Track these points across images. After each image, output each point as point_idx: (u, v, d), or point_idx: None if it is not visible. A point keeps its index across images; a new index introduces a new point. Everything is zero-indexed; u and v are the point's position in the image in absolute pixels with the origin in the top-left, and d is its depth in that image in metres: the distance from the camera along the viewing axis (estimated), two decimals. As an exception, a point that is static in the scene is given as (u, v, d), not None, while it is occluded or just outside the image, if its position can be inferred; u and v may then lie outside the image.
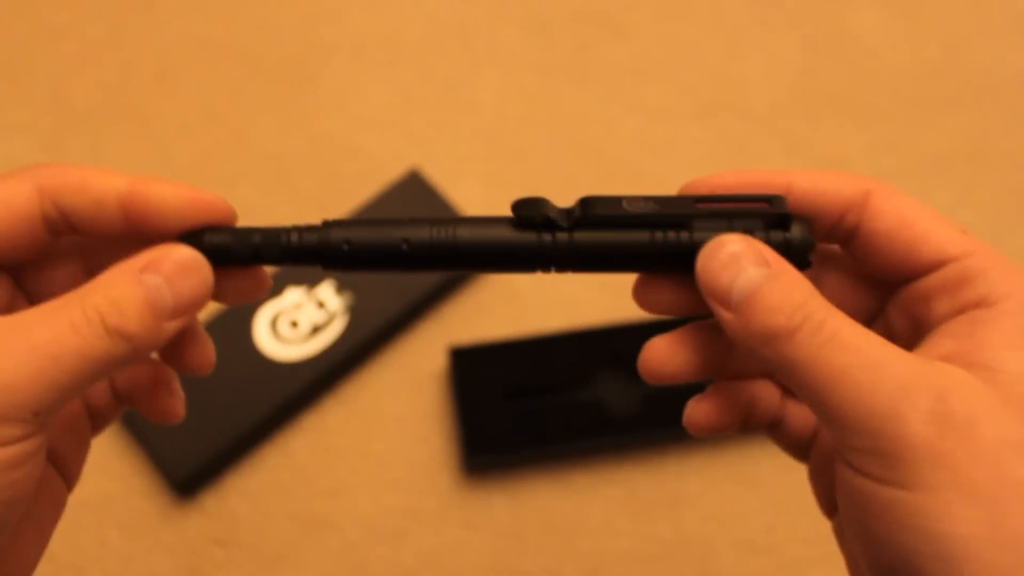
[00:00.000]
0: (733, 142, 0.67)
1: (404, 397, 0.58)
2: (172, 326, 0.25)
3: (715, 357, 0.29)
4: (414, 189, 0.62)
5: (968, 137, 0.68)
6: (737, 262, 0.25)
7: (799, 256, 0.27)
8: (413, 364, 0.59)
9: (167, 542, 0.53)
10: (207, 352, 0.29)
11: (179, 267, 0.26)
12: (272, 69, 0.69)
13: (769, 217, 0.27)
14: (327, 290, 0.58)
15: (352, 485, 0.55)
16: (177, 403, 0.30)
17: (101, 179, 0.27)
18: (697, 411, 0.29)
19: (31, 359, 0.23)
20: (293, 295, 0.58)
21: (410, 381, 0.58)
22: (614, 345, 0.57)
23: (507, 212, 0.28)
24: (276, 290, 0.58)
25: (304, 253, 0.28)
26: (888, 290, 0.29)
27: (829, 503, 0.30)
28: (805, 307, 0.24)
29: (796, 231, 0.27)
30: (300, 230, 0.28)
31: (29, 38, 0.70)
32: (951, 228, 0.27)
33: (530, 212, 0.27)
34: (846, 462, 0.24)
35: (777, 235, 0.27)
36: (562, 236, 0.27)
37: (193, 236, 0.27)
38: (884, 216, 0.27)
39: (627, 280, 0.29)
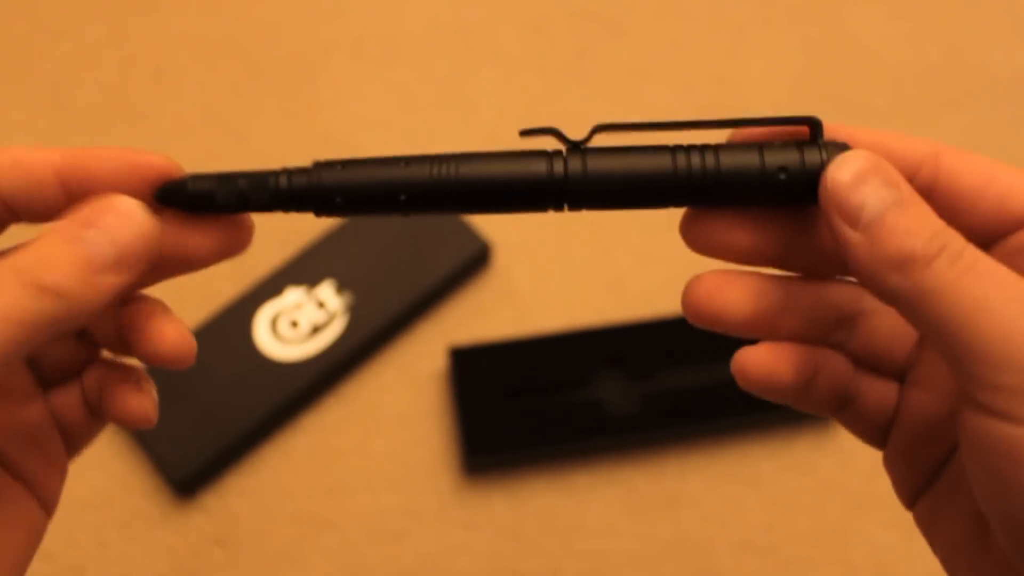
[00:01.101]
0: (733, 142, 0.67)
1: (404, 397, 0.58)
2: (109, 280, 0.24)
3: (774, 307, 0.27)
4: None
5: (968, 137, 0.68)
6: (869, 179, 0.23)
7: None
8: (413, 364, 0.59)
9: (167, 542, 0.53)
10: (174, 331, 0.26)
11: (116, 216, 0.24)
12: (272, 68, 0.69)
13: (803, 142, 0.25)
14: (327, 290, 0.58)
15: (352, 485, 0.55)
16: (146, 401, 0.27)
17: (34, 155, 0.25)
18: (752, 356, 0.27)
19: None
20: (293, 295, 0.58)
21: (410, 381, 0.58)
22: (614, 345, 0.57)
23: (505, 215, 0.27)
24: (276, 290, 0.58)
25: (295, 197, 0.26)
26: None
27: (912, 491, 0.28)
28: (944, 233, 0.23)
29: (833, 152, 0.25)
30: (289, 172, 0.26)
31: (29, 38, 0.70)
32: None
33: (537, 134, 0.25)
34: (982, 406, 0.22)
35: (814, 157, 0.25)
36: (574, 162, 0.25)
37: (174, 184, 0.25)
38: (965, 174, 0.25)
39: (627, 280, 0.29)
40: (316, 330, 0.57)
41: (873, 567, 0.52)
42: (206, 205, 0.26)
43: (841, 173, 0.24)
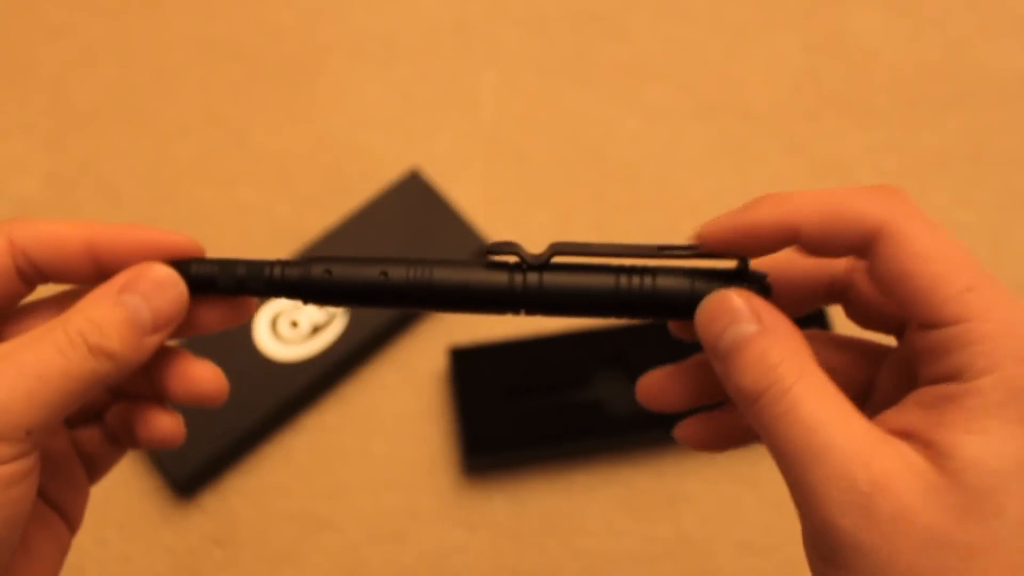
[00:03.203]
0: (733, 142, 0.67)
1: (404, 397, 0.58)
2: (152, 341, 0.27)
3: (714, 392, 0.30)
4: (414, 189, 0.62)
5: (968, 137, 0.68)
6: (730, 315, 0.26)
7: None
8: (413, 364, 0.59)
9: (167, 542, 0.53)
10: (209, 372, 0.30)
11: (155, 284, 0.27)
12: (272, 69, 0.69)
13: (728, 274, 0.28)
14: (327, 290, 0.58)
15: (352, 485, 0.55)
16: (177, 423, 0.31)
17: (67, 230, 0.28)
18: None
19: (20, 381, 0.25)
20: (293, 295, 0.58)
21: (410, 381, 0.58)
22: (614, 345, 0.57)
23: (506, 215, 0.28)
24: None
25: (286, 287, 0.29)
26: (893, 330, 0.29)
27: None
28: (777, 369, 0.25)
29: (752, 286, 0.28)
30: (284, 264, 0.29)
31: (29, 38, 0.70)
32: (953, 285, 0.24)
33: (503, 253, 0.29)
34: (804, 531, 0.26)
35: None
36: (532, 276, 0.28)
37: (179, 266, 0.28)
38: (887, 262, 0.25)
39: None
40: (316, 330, 0.57)
41: (873, 567, 0.52)
42: (208, 287, 0.29)
43: (707, 309, 0.27)
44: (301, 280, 0.28)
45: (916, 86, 0.70)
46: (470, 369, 0.56)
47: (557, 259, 0.29)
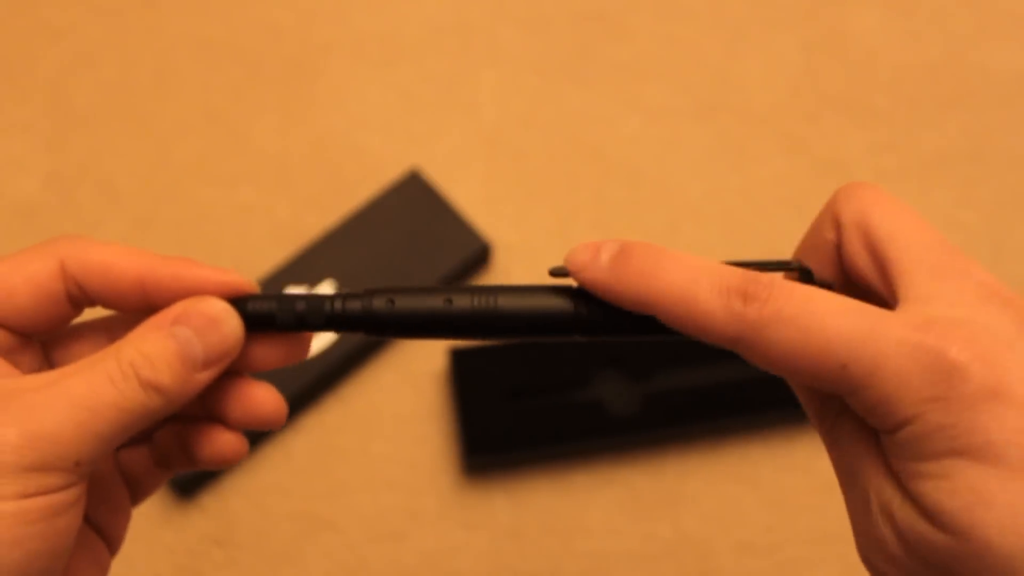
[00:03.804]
0: (733, 142, 0.67)
1: (404, 397, 0.58)
2: (203, 377, 0.27)
3: None
4: (414, 189, 0.62)
5: (968, 137, 0.68)
6: (593, 247, 0.26)
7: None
8: (413, 364, 0.59)
9: (167, 542, 0.53)
10: (270, 395, 0.29)
11: (208, 319, 0.27)
12: (272, 69, 0.69)
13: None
14: (327, 290, 0.58)
15: (352, 485, 0.55)
16: (237, 440, 0.30)
17: (122, 264, 0.27)
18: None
19: (71, 412, 0.24)
20: (293, 295, 0.58)
21: (410, 381, 0.58)
22: (614, 345, 0.57)
23: (506, 215, 0.28)
24: (276, 290, 0.58)
25: (348, 321, 0.28)
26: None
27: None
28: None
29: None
30: (344, 297, 0.28)
31: (29, 38, 0.70)
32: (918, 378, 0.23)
33: (564, 276, 0.28)
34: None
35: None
36: (597, 303, 0.28)
37: (237, 301, 0.28)
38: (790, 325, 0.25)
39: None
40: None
41: (873, 567, 0.52)
42: (265, 324, 0.28)
43: (576, 254, 0.27)
44: (363, 313, 0.28)
45: (916, 86, 0.70)
46: (470, 369, 0.56)
47: None
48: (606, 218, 0.64)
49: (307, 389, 0.56)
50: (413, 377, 0.58)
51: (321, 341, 0.57)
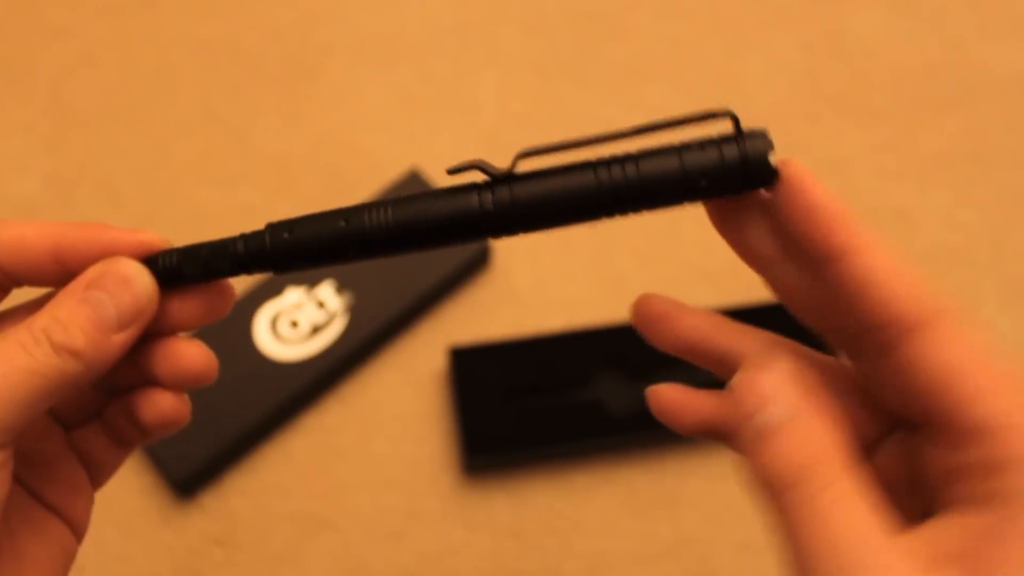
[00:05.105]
0: (733, 142, 0.67)
1: (404, 397, 0.58)
2: (120, 339, 0.26)
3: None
4: (414, 189, 0.62)
5: (968, 137, 0.68)
6: (760, 400, 0.24)
7: (756, 169, 0.26)
8: (413, 364, 0.59)
9: (167, 542, 0.53)
10: (196, 349, 0.29)
11: (120, 280, 0.26)
12: (272, 69, 0.69)
13: (723, 138, 0.26)
14: (327, 290, 0.58)
15: (352, 485, 0.55)
16: (177, 400, 0.29)
17: (32, 235, 0.27)
18: (661, 394, 0.30)
19: None
20: (293, 295, 0.58)
21: (410, 381, 0.58)
22: (614, 345, 0.57)
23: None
24: (276, 290, 0.58)
25: (253, 259, 0.27)
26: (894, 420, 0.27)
27: None
28: (810, 467, 0.23)
29: (751, 145, 0.26)
30: (246, 237, 0.28)
31: (29, 38, 0.70)
32: (1005, 396, 0.23)
33: (464, 171, 0.26)
34: None
35: (731, 150, 0.26)
36: (502, 192, 0.26)
37: (148, 260, 0.27)
38: (935, 357, 0.24)
39: (627, 280, 0.29)
40: (316, 330, 0.57)
41: (873, 567, 0.52)
42: (177, 278, 0.28)
43: (742, 388, 0.24)
44: (265, 248, 0.27)
45: (916, 86, 0.70)
46: (470, 369, 0.56)
47: (525, 167, 0.26)
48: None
49: (307, 389, 0.56)
50: (413, 377, 0.58)
51: (321, 341, 0.57)
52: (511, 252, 0.62)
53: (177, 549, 0.53)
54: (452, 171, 0.26)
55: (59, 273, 0.27)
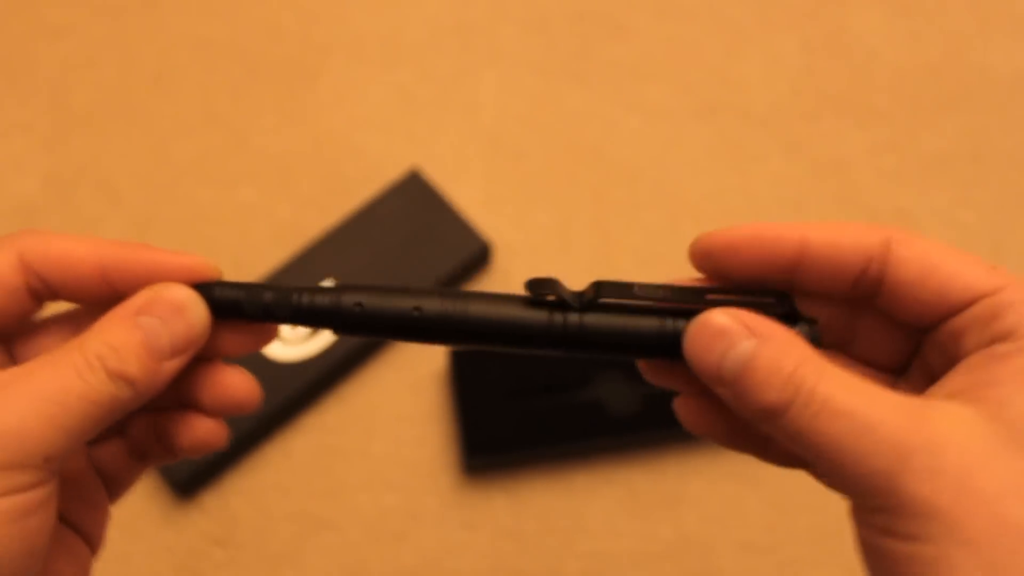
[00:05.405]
0: (733, 142, 0.67)
1: (404, 397, 0.58)
2: (171, 366, 0.26)
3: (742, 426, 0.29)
4: (414, 189, 0.62)
5: (968, 137, 0.68)
6: (725, 337, 0.25)
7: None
8: (413, 364, 0.59)
9: (167, 542, 0.53)
10: (242, 379, 0.29)
11: (173, 307, 0.26)
12: (272, 69, 0.69)
13: (776, 315, 0.27)
14: (327, 290, 0.58)
15: (352, 485, 0.55)
16: (216, 425, 0.29)
17: (80, 252, 0.27)
18: (681, 409, 0.29)
19: (39, 406, 0.24)
20: (293, 295, 0.58)
21: (410, 381, 0.58)
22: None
23: (506, 215, 0.28)
24: (276, 290, 0.58)
25: (315, 316, 0.27)
26: (923, 331, 0.28)
27: None
28: (795, 376, 0.24)
29: (802, 331, 0.27)
30: (312, 291, 0.28)
31: (29, 38, 0.70)
32: (979, 266, 0.27)
33: (543, 291, 0.27)
34: (861, 520, 0.25)
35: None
36: (573, 318, 0.27)
37: (202, 288, 0.27)
38: (908, 264, 0.27)
39: (626, 279, 0.29)
40: (316, 330, 0.57)
41: (873, 567, 0.52)
42: (232, 312, 0.27)
43: (696, 338, 0.26)
44: (331, 310, 0.27)
45: (916, 86, 0.70)
46: (470, 369, 0.56)
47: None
48: (606, 218, 0.64)
49: (307, 389, 0.56)
50: (413, 377, 0.58)
51: (321, 341, 0.57)
52: (511, 252, 0.62)
53: (177, 549, 0.53)
54: (529, 288, 0.27)
55: (104, 292, 0.27)
